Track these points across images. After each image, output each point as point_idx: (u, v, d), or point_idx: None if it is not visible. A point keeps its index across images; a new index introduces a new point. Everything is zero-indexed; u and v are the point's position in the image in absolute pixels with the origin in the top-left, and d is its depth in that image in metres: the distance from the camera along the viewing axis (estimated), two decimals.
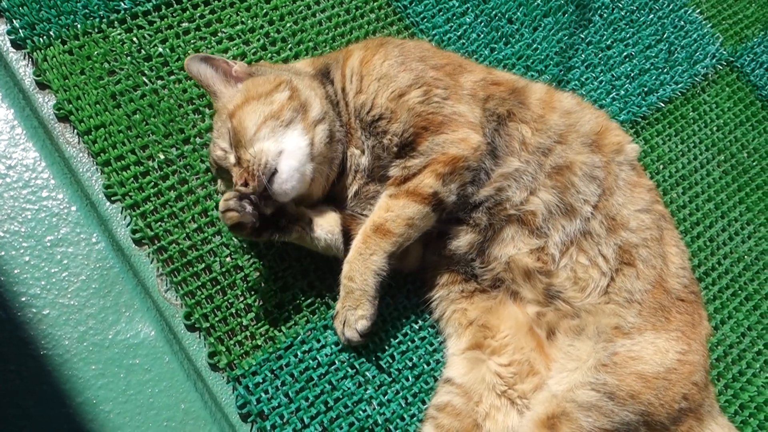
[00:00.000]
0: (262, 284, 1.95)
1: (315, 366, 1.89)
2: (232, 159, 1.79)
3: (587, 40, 2.67)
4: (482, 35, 2.55)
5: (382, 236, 1.80)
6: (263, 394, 1.82)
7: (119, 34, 2.15)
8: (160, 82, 2.13)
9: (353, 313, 1.84)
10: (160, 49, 2.16)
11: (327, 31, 2.38)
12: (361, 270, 1.81)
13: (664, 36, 2.80)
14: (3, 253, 1.66)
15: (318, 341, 1.92)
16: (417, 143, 1.81)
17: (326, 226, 1.90)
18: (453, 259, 1.93)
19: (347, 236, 1.91)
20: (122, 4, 2.18)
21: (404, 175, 1.83)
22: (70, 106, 2.01)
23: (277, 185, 1.72)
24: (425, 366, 1.97)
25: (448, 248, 1.91)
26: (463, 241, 1.88)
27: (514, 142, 1.85)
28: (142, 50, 2.15)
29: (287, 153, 1.74)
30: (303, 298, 1.96)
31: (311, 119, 1.81)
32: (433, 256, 1.98)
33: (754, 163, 2.70)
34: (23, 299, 1.63)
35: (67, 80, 2.04)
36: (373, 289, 1.83)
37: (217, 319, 1.88)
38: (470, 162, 1.79)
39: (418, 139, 1.81)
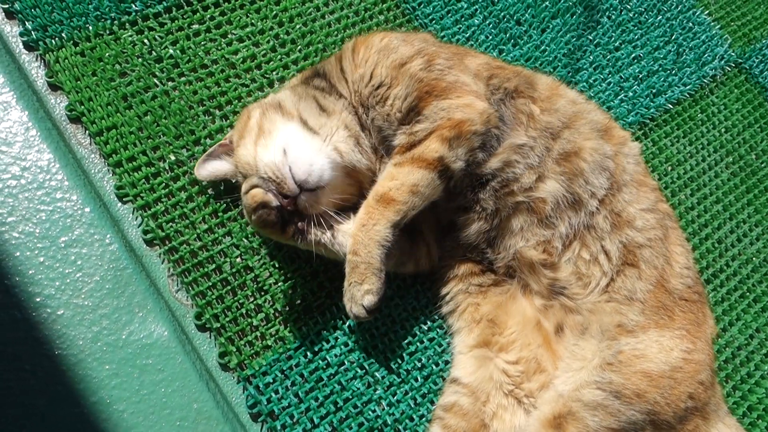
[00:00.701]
0: (272, 285, 1.96)
1: (324, 366, 1.90)
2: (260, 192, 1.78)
3: (595, 42, 2.68)
4: (491, 37, 2.56)
5: (385, 205, 1.74)
6: (273, 394, 1.84)
7: (130, 35, 2.16)
8: (170, 83, 2.14)
9: (359, 288, 1.75)
10: (171, 51, 2.17)
11: (336, 32, 2.39)
12: (365, 242, 1.73)
13: (673, 37, 2.80)
14: (18, 254, 1.68)
15: (327, 342, 1.93)
16: (421, 107, 1.78)
17: (349, 232, 1.82)
18: (467, 247, 1.92)
19: None
20: (133, 6, 2.19)
21: (410, 141, 1.79)
22: (82, 107, 2.03)
23: (299, 175, 1.70)
24: (434, 367, 1.98)
25: (460, 239, 1.91)
26: (471, 230, 1.88)
27: (521, 115, 1.84)
28: (153, 52, 2.16)
29: (288, 145, 1.73)
30: (312, 299, 1.97)
31: (288, 109, 1.82)
32: (449, 242, 1.97)
33: (763, 165, 2.70)
34: (38, 300, 1.65)
35: (79, 82, 2.06)
36: (378, 261, 1.74)
37: (227, 319, 1.90)
38: (477, 126, 1.75)
39: (422, 103, 1.78)
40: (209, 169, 1.92)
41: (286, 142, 1.74)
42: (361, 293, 1.74)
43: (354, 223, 1.78)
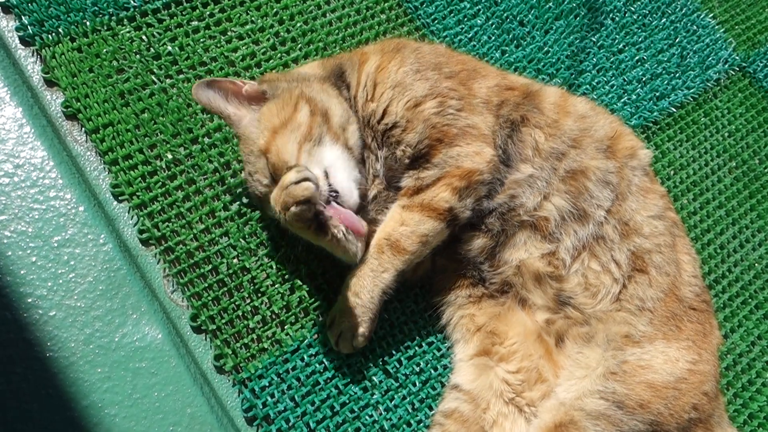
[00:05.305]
0: (270, 286, 1.93)
1: (321, 370, 1.87)
2: None
3: (599, 44, 2.65)
4: (493, 37, 2.53)
5: (396, 253, 1.77)
6: (269, 398, 1.81)
7: (128, 32, 2.13)
8: (168, 80, 2.11)
9: (353, 329, 1.80)
10: (170, 48, 2.14)
11: (337, 31, 2.36)
12: (369, 287, 1.77)
13: (677, 40, 2.77)
14: (10, 253, 1.64)
15: (325, 345, 1.90)
16: (431, 155, 1.79)
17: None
18: (462, 262, 1.91)
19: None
20: (132, 1, 2.16)
21: (417, 186, 1.81)
22: (78, 104, 2.00)
23: (345, 203, 1.69)
24: (432, 371, 1.96)
25: (458, 252, 1.89)
26: (474, 245, 1.87)
27: (527, 149, 1.83)
28: (151, 48, 2.13)
29: (331, 169, 1.71)
30: (310, 301, 1.94)
31: (336, 125, 1.77)
32: (443, 260, 1.96)
33: (766, 170, 2.68)
34: (29, 300, 1.62)
35: (75, 78, 2.03)
36: (377, 307, 1.80)
37: (223, 321, 1.86)
38: (485, 176, 1.77)
39: (432, 150, 1.79)
40: (209, 98, 1.83)
41: (329, 164, 1.73)
42: (353, 335, 1.80)
43: (363, 263, 1.79)
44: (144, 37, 2.14)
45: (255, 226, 1.98)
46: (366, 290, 1.78)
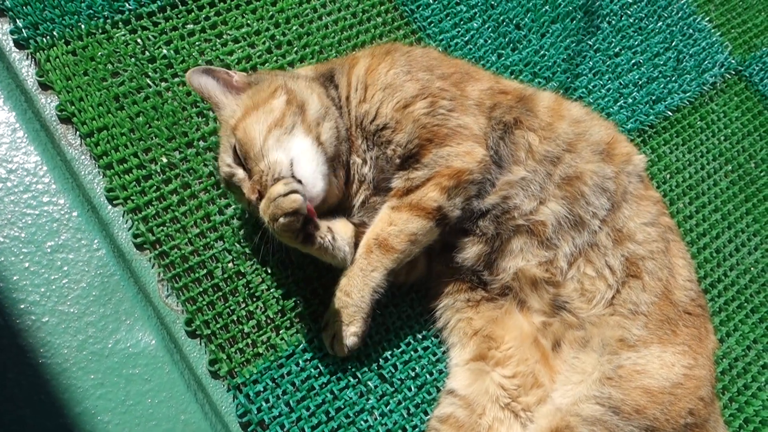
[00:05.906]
0: (264, 291, 1.93)
1: (317, 375, 1.86)
2: (240, 173, 1.75)
3: (595, 47, 2.65)
4: (489, 41, 2.53)
5: (384, 252, 1.77)
6: (264, 403, 1.80)
7: (123, 35, 2.13)
8: (163, 84, 2.10)
9: (345, 329, 1.80)
10: (165, 51, 2.14)
11: (333, 34, 2.36)
12: (360, 286, 1.78)
13: (673, 44, 2.78)
14: (2, 258, 1.63)
15: (320, 349, 1.90)
16: (421, 155, 1.79)
17: (346, 237, 1.83)
18: (461, 270, 1.90)
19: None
20: (127, 4, 2.16)
21: (407, 186, 1.80)
22: (73, 107, 1.99)
23: (308, 193, 1.66)
24: (428, 376, 1.95)
25: (455, 260, 1.89)
26: (470, 252, 1.86)
27: (520, 150, 1.83)
28: (146, 52, 2.12)
29: (297, 159, 1.69)
30: (305, 306, 1.94)
31: (311, 118, 1.76)
32: (440, 266, 1.95)
33: (762, 174, 2.68)
34: (22, 306, 1.60)
35: (70, 81, 2.02)
36: (368, 306, 1.80)
37: (218, 326, 1.86)
38: (475, 175, 1.77)
39: (422, 151, 1.78)
40: (203, 83, 1.85)
41: (296, 155, 1.70)
42: (346, 334, 1.81)
43: (353, 263, 1.81)
44: (139, 40, 2.13)
45: (250, 230, 1.97)
46: (356, 289, 1.78)
